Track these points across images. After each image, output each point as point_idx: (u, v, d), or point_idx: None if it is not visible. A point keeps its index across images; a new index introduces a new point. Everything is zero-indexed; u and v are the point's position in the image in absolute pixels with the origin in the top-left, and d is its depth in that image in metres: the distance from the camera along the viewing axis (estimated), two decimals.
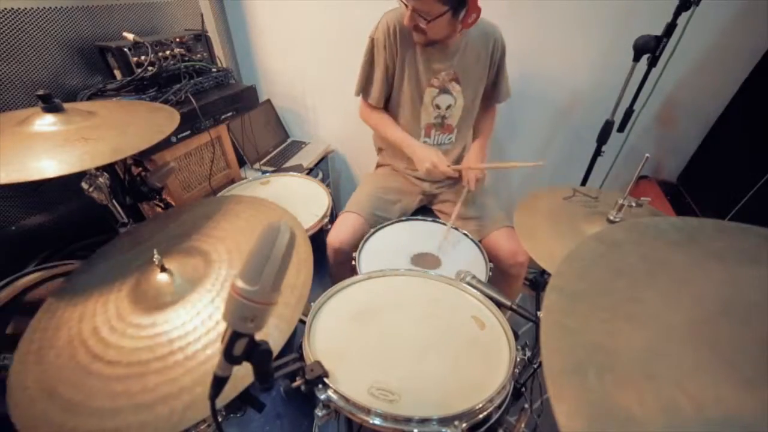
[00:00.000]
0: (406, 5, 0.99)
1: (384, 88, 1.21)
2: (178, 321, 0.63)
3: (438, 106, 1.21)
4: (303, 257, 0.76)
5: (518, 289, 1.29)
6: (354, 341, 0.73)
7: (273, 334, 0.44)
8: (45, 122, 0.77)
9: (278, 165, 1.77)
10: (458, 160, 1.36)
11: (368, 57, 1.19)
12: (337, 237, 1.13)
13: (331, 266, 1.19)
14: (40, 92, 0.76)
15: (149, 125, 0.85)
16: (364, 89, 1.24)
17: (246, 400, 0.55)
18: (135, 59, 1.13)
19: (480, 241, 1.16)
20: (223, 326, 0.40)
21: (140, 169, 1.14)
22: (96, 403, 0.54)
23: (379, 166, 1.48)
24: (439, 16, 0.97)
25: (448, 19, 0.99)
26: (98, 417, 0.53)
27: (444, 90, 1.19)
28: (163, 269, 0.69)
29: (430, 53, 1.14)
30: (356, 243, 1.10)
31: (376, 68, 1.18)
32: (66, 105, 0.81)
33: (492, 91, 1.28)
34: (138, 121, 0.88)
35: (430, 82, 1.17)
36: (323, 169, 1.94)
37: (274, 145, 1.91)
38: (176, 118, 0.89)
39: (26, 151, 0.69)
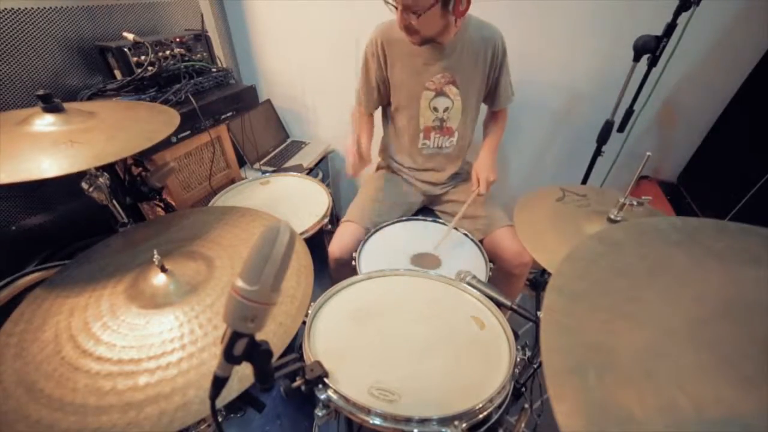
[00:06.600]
0: (395, 7, 0.98)
1: (371, 97, 1.26)
2: (175, 322, 0.63)
3: (436, 109, 1.21)
4: (303, 264, 0.76)
5: (520, 289, 1.28)
6: (354, 341, 0.73)
7: (272, 341, 0.44)
8: (44, 122, 0.77)
9: (278, 165, 1.78)
10: (460, 163, 1.36)
11: (362, 67, 1.24)
12: (338, 246, 1.14)
13: (332, 272, 1.19)
14: (41, 92, 0.76)
15: (142, 130, 0.83)
16: (357, 95, 1.30)
17: (246, 400, 0.55)
18: (135, 59, 1.13)
19: (481, 241, 1.15)
20: (221, 330, 0.40)
21: (140, 169, 1.14)
22: (80, 400, 0.53)
23: (378, 168, 1.48)
24: (429, 8, 0.96)
25: (439, 12, 0.98)
26: (81, 414, 0.51)
27: (440, 93, 1.18)
28: (163, 269, 0.69)
29: (424, 56, 1.13)
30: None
31: (367, 78, 1.23)
32: (66, 105, 0.81)
33: (492, 94, 1.26)
34: (133, 125, 0.86)
35: (425, 85, 1.17)
36: (323, 169, 1.94)
37: (274, 145, 1.92)
38: (175, 121, 0.88)
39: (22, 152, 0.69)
